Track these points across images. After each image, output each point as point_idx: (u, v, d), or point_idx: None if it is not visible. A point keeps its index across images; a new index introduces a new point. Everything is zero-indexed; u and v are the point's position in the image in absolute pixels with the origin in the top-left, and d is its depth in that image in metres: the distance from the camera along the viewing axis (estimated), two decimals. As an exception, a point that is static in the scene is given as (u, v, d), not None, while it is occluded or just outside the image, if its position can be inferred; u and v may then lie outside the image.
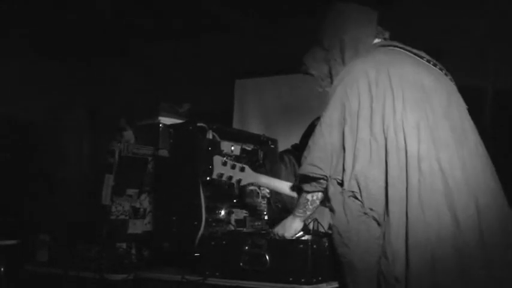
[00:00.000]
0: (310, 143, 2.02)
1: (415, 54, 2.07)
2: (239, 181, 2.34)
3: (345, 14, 2.15)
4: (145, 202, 2.63)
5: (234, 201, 2.72)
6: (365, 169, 1.86)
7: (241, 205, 2.74)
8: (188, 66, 5.82)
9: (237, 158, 2.67)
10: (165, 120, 2.82)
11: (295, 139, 3.99)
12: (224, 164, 2.31)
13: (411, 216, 1.79)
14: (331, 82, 2.13)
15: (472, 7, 4.32)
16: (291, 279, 2.00)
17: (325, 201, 1.99)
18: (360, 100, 1.91)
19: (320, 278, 2.00)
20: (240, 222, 2.70)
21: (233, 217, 2.67)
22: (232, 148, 2.73)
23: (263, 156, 2.87)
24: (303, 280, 1.98)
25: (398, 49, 2.08)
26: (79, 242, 2.55)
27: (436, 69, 2.06)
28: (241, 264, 2.11)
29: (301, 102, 5.15)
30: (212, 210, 2.56)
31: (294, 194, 2.27)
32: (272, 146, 2.97)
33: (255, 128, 5.29)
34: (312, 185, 2.00)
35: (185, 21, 5.49)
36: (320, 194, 2.02)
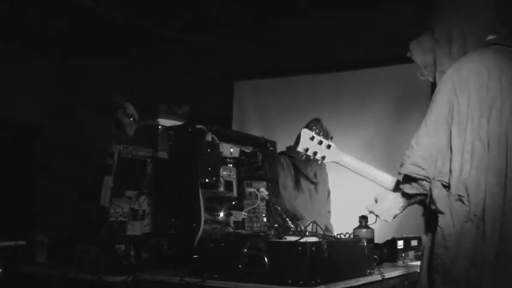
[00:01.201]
0: (413, 142, 1.95)
1: None
2: (323, 158, 2.23)
3: (458, 4, 2.09)
4: (144, 204, 2.63)
5: (233, 203, 2.72)
6: (473, 173, 1.82)
7: (240, 207, 2.74)
8: (187, 68, 5.83)
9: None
10: (164, 122, 2.82)
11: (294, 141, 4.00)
12: (312, 138, 2.21)
13: (505, 229, 1.78)
14: (434, 72, 2.10)
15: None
16: (289, 281, 2.00)
17: (430, 203, 1.92)
18: (470, 101, 1.86)
19: (318, 280, 2.00)
20: (238, 224, 2.70)
21: (232, 219, 2.67)
22: (232, 150, 2.74)
23: (262, 158, 2.87)
24: (301, 282, 1.98)
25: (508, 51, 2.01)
26: (78, 243, 2.55)
27: None
28: (240, 266, 2.11)
29: (300, 104, 5.16)
30: (211, 212, 2.56)
31: (382, 183, 2.19)
32: (271, 148, 2.97)
33: (254, 130, 5.29)
34: (413, 187, 1.95)
35: (184, 22, 5.49)
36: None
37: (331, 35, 5.10)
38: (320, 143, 2.22)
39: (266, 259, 2.06)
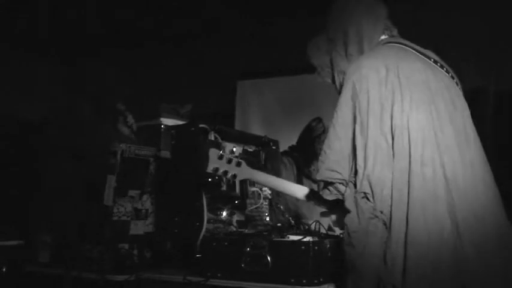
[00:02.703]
0: (325, 147, 1.95)
1: (422, 53, 2.02)
2: (234, 176, 2.24)
3: (352, 6, 2.10)
4: (147, 203, 2.64)
5: (236, 202, 2.72)
6: (377, 169, 1.80)
7: (243, 206, 2.74)
8: (190, 67, 5.83)
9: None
10: (167, 121, 2.82)
11: (297, 140, 4.00)
12: (220, 157, 2.21)
13: (412, 222, 1.74)
14: (332, 73, 2.11)
15: (473, 8, 4.33)
16: (292, 280, 2.00)
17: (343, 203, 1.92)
18: (369, 96, 1.85)
19: (321, 279, 2.00)
20: (241, 223, 2.70)
21: (235, 218, 2.67)
22: (234, 149, 2.73)
23: (265, 157, 2.87)
24: (304, 281, 1.98)
25: (406, 47, 2.02)
26: (81, 242, 2.55)
27: (443, 71, 2.02)
28: (242, 265, 2.11)
29: (302, 103, 5.16)
30: (214, 211, 2.56)
31: (293, 193, 2.27)
32: (274, 147, 2.97)
33: (256, 129, 5.30)
34: (332, 193, 1.94)
35: (187, 22, 5.50)
36: None
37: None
38: (229, 161, 2.23)
39: (269, 258, 2.06)
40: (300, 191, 2.25)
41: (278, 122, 5.37)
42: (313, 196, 2.20)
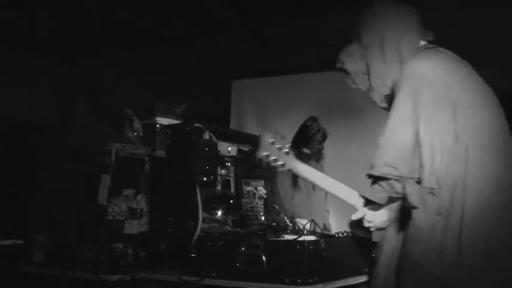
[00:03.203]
0: (382, 142, 1.94)
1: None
2: (283, 165, 2.18)
3: (386, 12, 2.12)
4: (142, 202, 2.63)
5: (231, 201, 2.72)
6: (443, 164, 1.82)
7: (238, 205, 2.74)
8: (185, 67, 5.83)
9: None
10: (162, 121, 2.82)
11: (291, 139, 4.00)
12: (272, 143, 2.15)
13: (465, 223, 1.78)
14: (369, 79, 2.11)
15: (473, 8, 4.34)
16: (287, 279, 2.00)
17: (404, 201, 1.91)
18: (434, 95, 1.88)
19: (316, 279, 2.01)
20: (236, 223, 2.70)
21: (230, 217, 2.67)
22: (229, 149, 2.74)
23: (260, 157, 2.87)
24: (299, 281, 1.98)
25: (451, 53, 2.06)
26: (75, 242, 2.55)
27: (480, 78, 2.06)
28: (237, 264, 2.11)
29: (298, 103, 5.16)
30: (209, 210, 2.56)
31: (334, 191, 2.21)
32: (269, 147, 2.97)
33: (251, 128, 5.29)
34: (385, 189, 1.93)
35: (183, 22, 5.49)
36: None
37: (330, 34, 5.10)
38: (280, 148, 2.18)
39: (264, 258, 2.06)
40: (343, 190, 2.20)
41: (273, 122, 5.37)
42: (363, 199, 2.17)
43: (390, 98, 2.05)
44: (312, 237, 2.17)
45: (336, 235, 2.41)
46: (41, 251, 2.67)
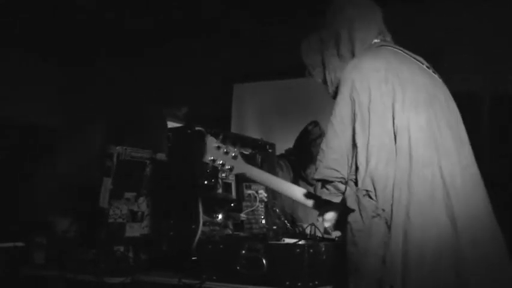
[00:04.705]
0: (323, 145, 1.94)
1: (415, 58, 2.04)
2: (231, 170, 2.17)
3: (345, 8, 2.12)
4: (143, 205, 2.64)
5: (232, 205, 2.73)
6: (380, 167, 1.78)
7: (239, 209, 2.74)
8: (187, 70, 5.83)
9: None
10: (164, 124, 2.83)
11: (293, 143, 4.00)
12: (218, 148, 2.15)
13: (411, 222, 1.74)
14: (323, 72, 2.12)
15: (471, 8, 4.34)
16: (287, 283, 2.00)
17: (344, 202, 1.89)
18: (371, 94, 1.85)
19: (316, 282, 2.01)
20: (237, 226, 2.70)
21: (230, 221, 2.67)
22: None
23: (261, 160, 2.88)
24: (299, 284, 1.98)
25: (401, 51, 2.04)
26: (76, 244, 2.55)
27: (436, 76, 2.04)
28: (238, 268, 2.11)
29: (299, 106, 5.16)
30: (210, 214, 2.56)
31: (289, 193, 2.21)
32: (270, 150, 2.98)
33: (253, 132, 5.29)
34: (331, 192, 1.92)
35: (184, 24, 5.50)
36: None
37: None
38: (226, 153, 2.16)
39: (264, 261, 2.06)
40: (296, 191, 2.20)
41: (274, 125, 5.36)
42: (310, 197, 2.18)
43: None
44: (312, 241, 2.18)
45: (336, 238, 2.41)
46: (42, 253, 2.67)
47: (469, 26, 4.31)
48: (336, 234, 2.46)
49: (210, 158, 2.12)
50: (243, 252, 2.12)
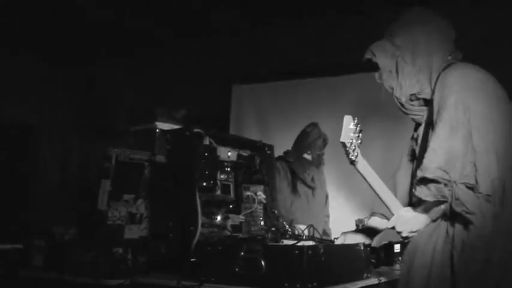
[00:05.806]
0: (435, 145, 1.96)
1: None
2: (353, 162, 2.11)
3: (424, 19, 2.18)
4: (141, 207, 2.63)
5: (230, 206, 2.73)
6: (500, 173, 1.87)
7: (237, 210, 2.74)
8: (185, 71, 5.83)
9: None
10: (162, 126, 2.82)
11: (292, 145, 4.00)
12: (354, 131, 2.07)
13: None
14: (397, 78, 2.16)
15: (467, 10, 4.35)
16: (286, 285, 2.00)
17: (455, 206, 1.91)
18: (485, 104, 1.94)
19: (315, 284, 2.01)
20: (236, 228, 2.70)
21: (229, 222, 2.67)
22: (229, 154, 2.74)
23: (259, 162, 2.87)
24: (298, 286, 1.98)
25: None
26: (75, 247, 2.55)
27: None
28: (236, 269, 2.11)
29: (298, 108, 5.17)
30: (208, 215, 2.56)
31: (387, 204, 2.19)
32: (269, 152, 2.98)
33: (251, 133, 5.30)
34: (432, 193, 1.93)
35: (182, 25, 5.50)
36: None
37: (329, 39, 5.11)
38: (358, 137, 2.10)
39: (263, 263, 2.06)
40: (396, 204, 2.19)
41: (273, 127, 5.37)
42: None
43: (418, 102, 2.14)
44: (311, 243, 2.17)
45: (335, 240, 2.41)
46: (40, 256, 2.67)
47: (467, 26, 4.32)
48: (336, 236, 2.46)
49: (348, 138, 2.04)
50: (242, 253, 2.12)
